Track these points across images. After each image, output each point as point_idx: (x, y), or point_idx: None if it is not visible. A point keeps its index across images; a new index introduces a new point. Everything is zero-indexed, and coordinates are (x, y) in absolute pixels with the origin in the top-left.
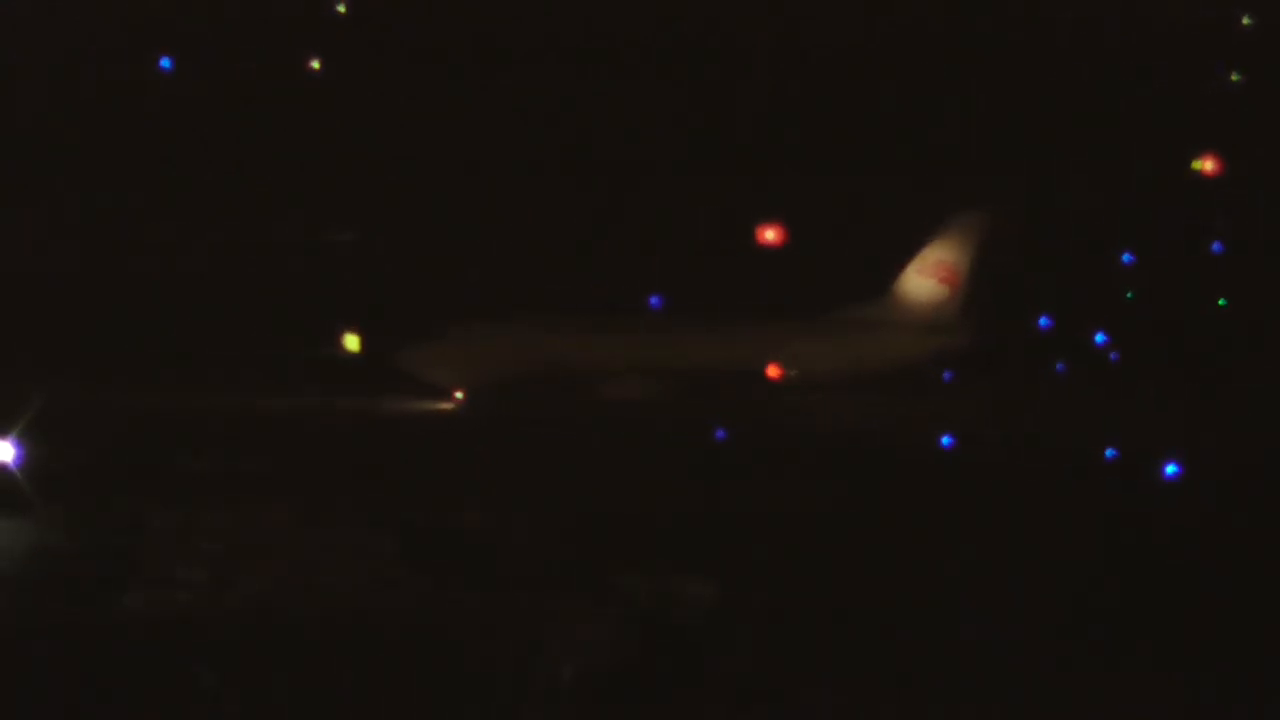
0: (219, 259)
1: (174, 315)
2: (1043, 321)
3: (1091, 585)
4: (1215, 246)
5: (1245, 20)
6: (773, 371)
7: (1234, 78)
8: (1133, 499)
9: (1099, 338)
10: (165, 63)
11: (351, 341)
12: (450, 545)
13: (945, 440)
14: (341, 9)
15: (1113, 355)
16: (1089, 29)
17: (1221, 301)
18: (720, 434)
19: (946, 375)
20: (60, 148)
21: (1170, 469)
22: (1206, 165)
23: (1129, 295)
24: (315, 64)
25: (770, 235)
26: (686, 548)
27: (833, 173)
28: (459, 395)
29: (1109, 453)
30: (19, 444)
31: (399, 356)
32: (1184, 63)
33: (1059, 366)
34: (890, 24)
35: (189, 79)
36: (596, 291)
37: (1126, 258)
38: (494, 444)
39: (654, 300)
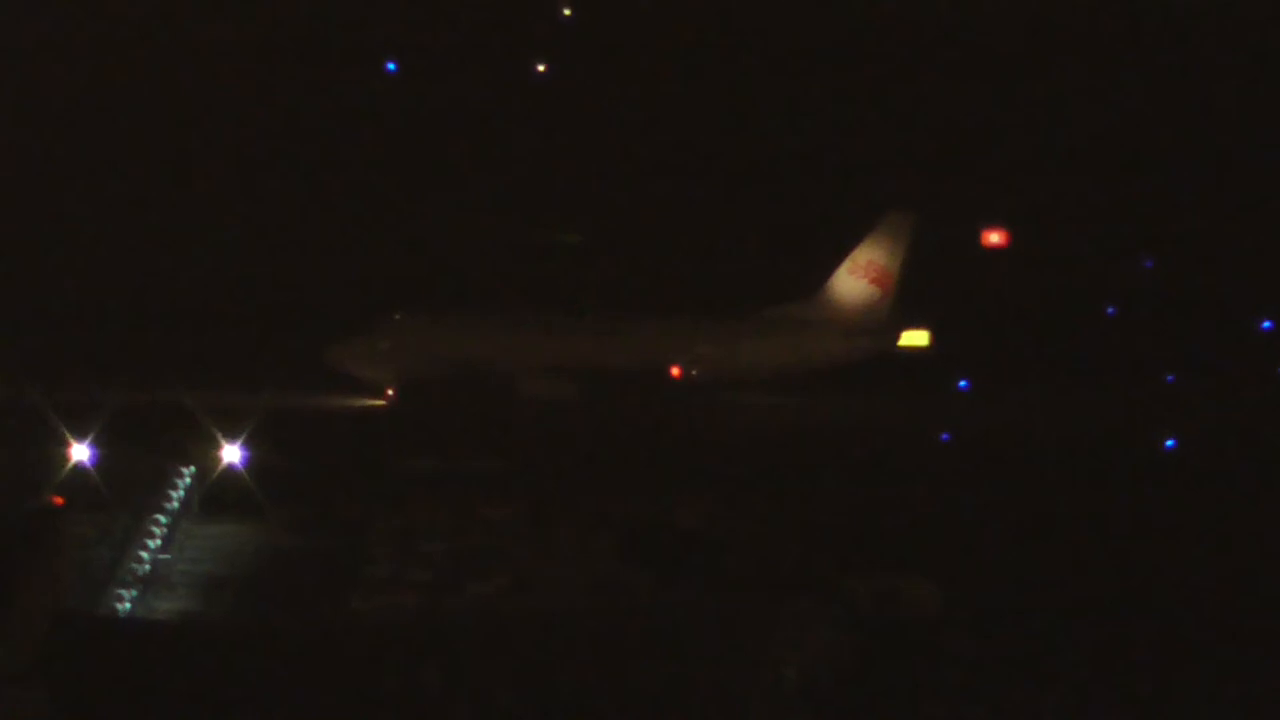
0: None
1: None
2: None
3: None
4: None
5: None
6: (675, 370)
7: None
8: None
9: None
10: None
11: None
12: (673, 546)
13: (1169, 442)
14: (567, 12)
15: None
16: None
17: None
18: (945, 437)
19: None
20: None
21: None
22: None
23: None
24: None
25: None
26: (909, 550)
27: (766, 173)
28: (390, 392)
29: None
30: (246, 448)
31: (329, 354)
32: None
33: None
34: (828, 27)
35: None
36: (518, 292)
37: None
38: (717, 444)
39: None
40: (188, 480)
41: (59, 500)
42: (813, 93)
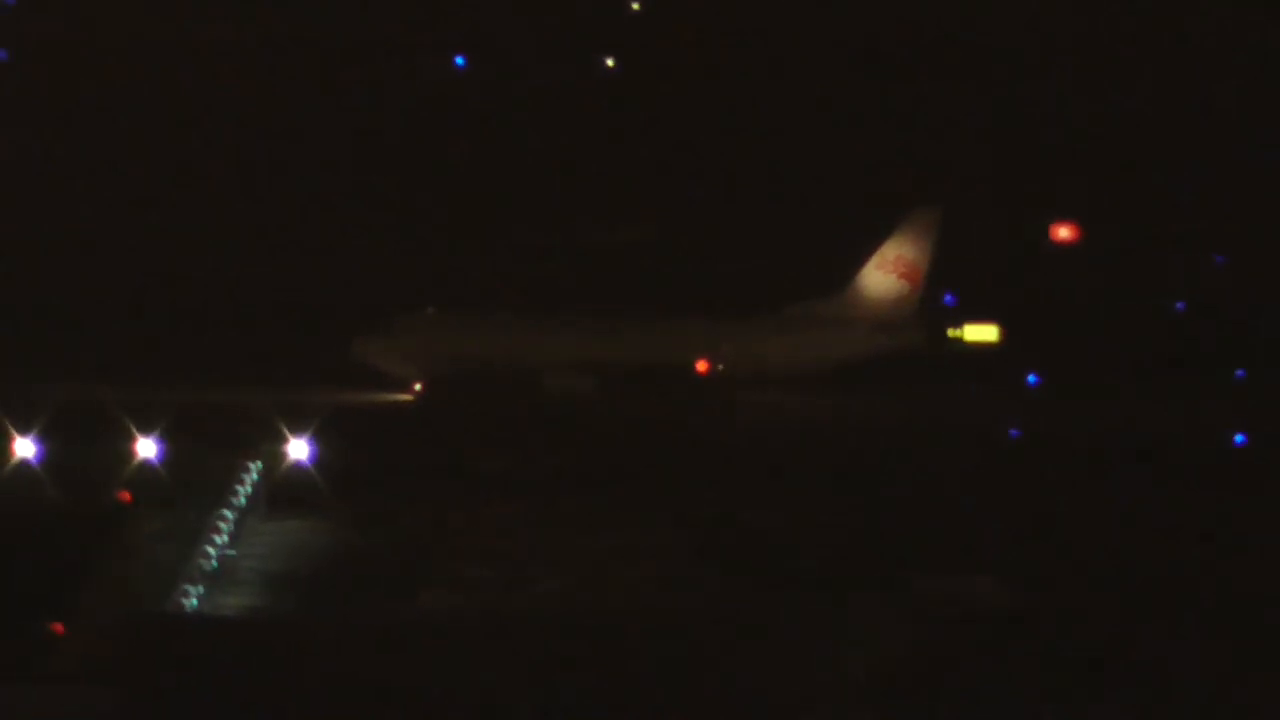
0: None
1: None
2: None
3: None
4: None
5: None
6: (702, 366)
7: None
8: None
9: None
10: (459, 60)
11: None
12: (746, 544)
13: (1239, 438)
14: (636, 6)
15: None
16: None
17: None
18: (1014, 433)
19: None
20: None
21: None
22: None
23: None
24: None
25: None
26: (977, 548)
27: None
28: (418, 387)
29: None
30: (313, 443)
31: (355, 349)
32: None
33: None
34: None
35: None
36: (544, 287)
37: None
38: (790, 444)
39: None
40: (254, 476)
41: (127, 497)
42: (855, 89)
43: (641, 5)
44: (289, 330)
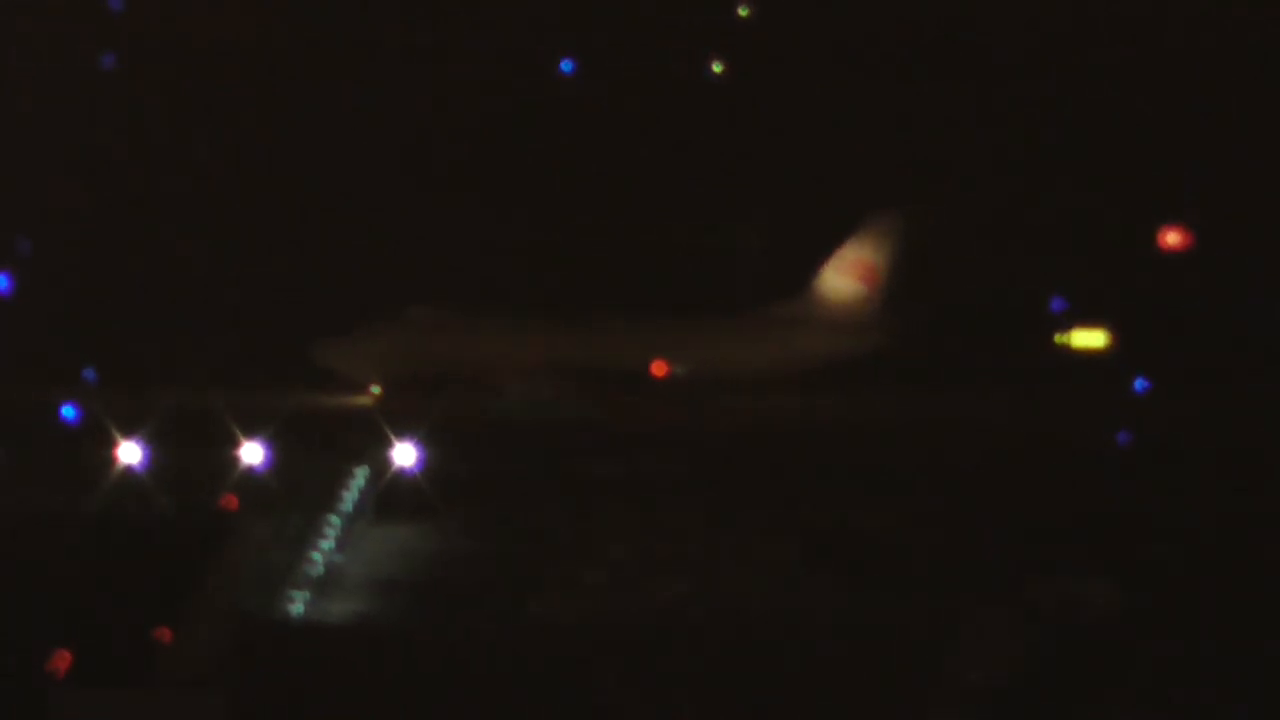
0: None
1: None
2: None
3: None
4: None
5: None
6: (659, 370)
7: None
8: None
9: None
10: (566, 65)
11: None
12: (855, 548)
13: None
14: (743, 12)
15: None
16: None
17: None
18: (1123, 437)
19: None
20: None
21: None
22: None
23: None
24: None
25: None
26: (1091, 552)
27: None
28: (375, 390)
29: None
30: (421, 448)
31: (316, 352)
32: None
33: None
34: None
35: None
36: (507, 291)
37: None
38: (898, 446)
39: None
40: (362, 481)
41: (232, 503)
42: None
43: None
44: (259, 331)
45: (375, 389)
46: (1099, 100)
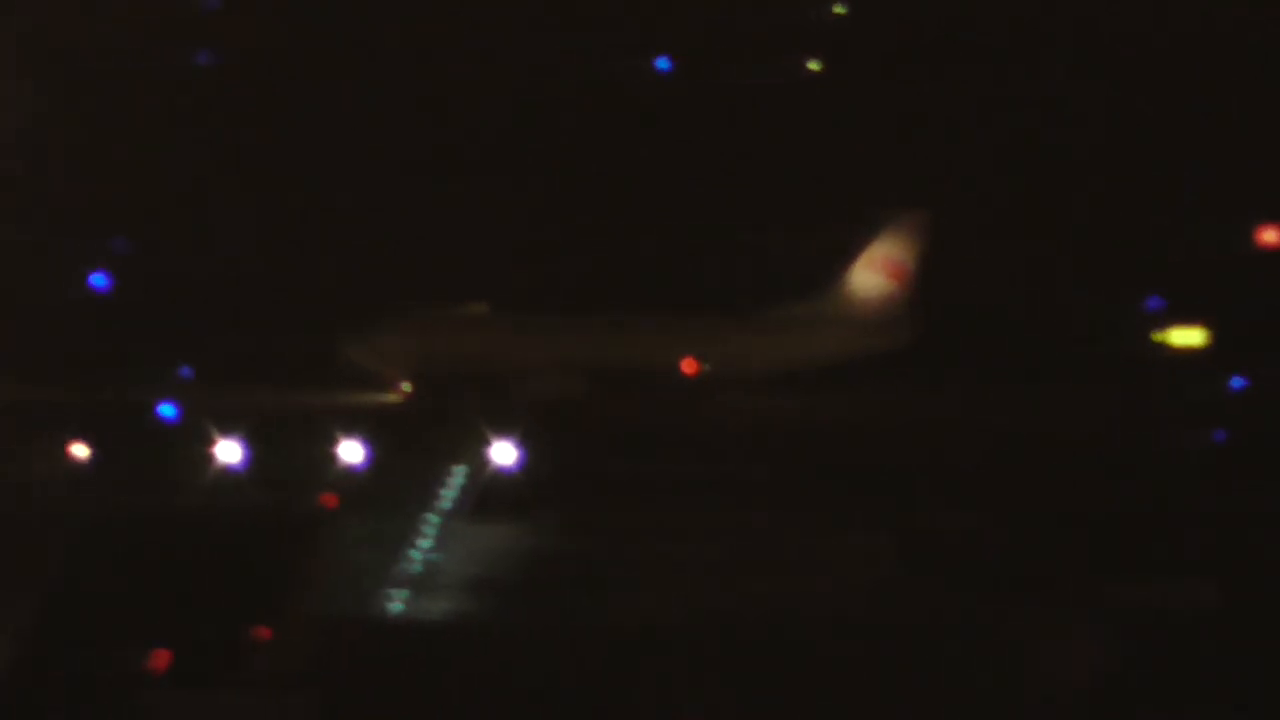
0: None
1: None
2: None
3: None
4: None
5: None
6: (688, 368)
7: None
8: None
9: None
10: (662, 63)
11: None
12: (947, 549)
13: None
14: (839, 10)
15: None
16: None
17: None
18: (1219, 435)
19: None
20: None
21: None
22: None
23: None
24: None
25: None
26: (1176, 552)
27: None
28: (405, 388)
29: None
30: (519, 447)
31: (343, 350)
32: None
33: None
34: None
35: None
36: (529, 290)
37: None
38: (985, 446)
39: None
40: (459, 480)
41: (331, 501)
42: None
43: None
44: (281, 329)
45: (406, 386)
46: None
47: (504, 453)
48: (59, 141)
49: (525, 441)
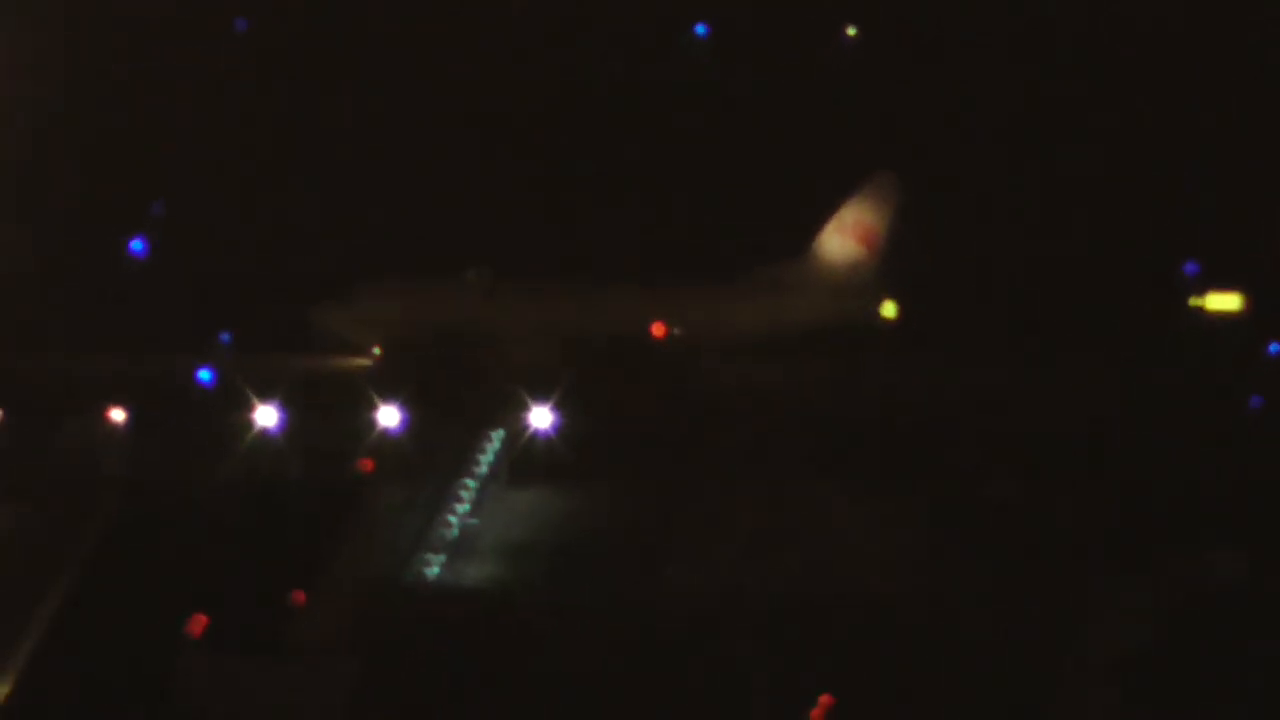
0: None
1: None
2: None
3: None
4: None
5: None
6: (657, 331)
7: None
8: None
9: None
10: (700, 29)
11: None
12: (986, 519)
13: None
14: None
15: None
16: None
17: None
18: (1256, 401)
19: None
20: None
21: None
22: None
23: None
24: (851, 30)
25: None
26: (1223, 522)
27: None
28: (376, 351)
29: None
30: (557, 412)
31: (314, 315)
32: None
33: None
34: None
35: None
36: (505, 255)
37: None
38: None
39: None
40: (496, 445)
41: (369, 467)
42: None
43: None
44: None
45: (376, 351)
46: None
47: (541, 417)
48: (97, 109)
49: (561, 406)
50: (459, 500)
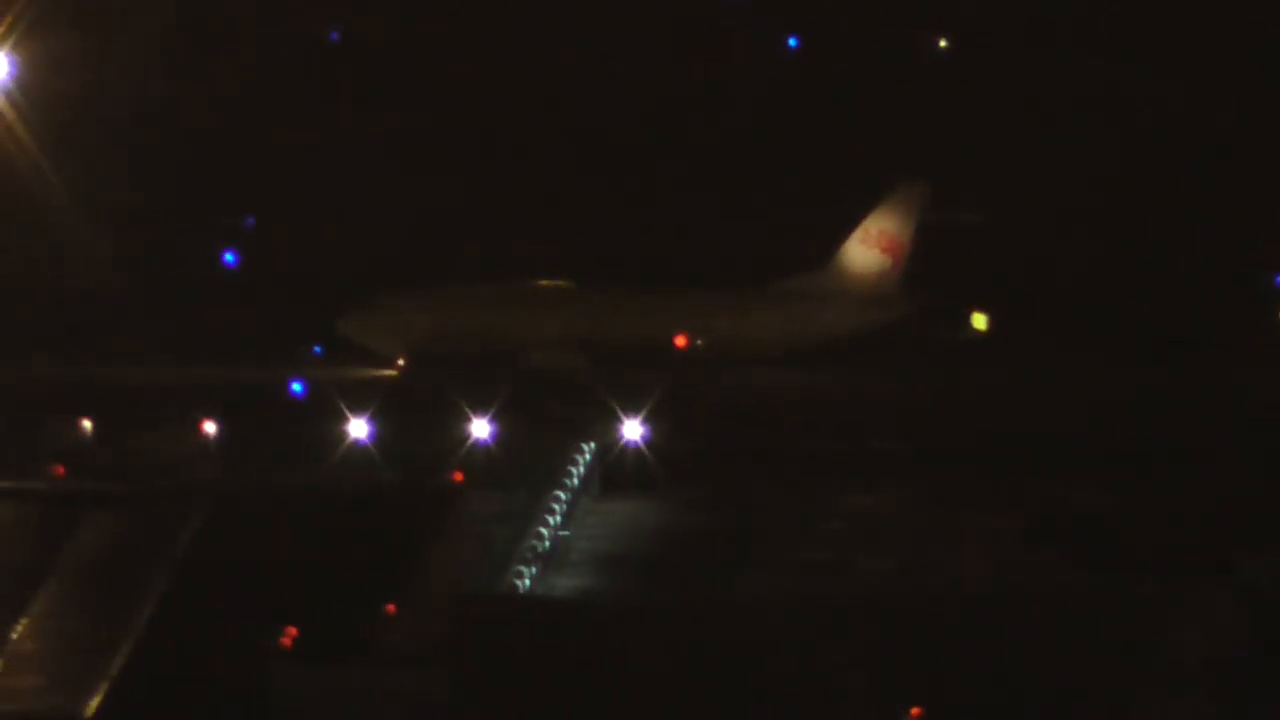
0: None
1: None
2: None
3: None
4: None
5: None
6: (681, 341)
7: None
8: None
9: None
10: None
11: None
12: (1075, 526)
13: None
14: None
15: None
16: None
17: None
18: None
19: None
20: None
21: None
22: None
23: None
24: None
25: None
26: None
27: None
28: (401, 362)
29: None
30: (648, 424)
31: (340, 325)
32: None
33: None
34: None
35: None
36: (527, 263)
37: None
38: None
39: None
40: (588, 457)
41: (459, 478)
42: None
43: None
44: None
45: (400, 362)
46: None
47: (632, 430)
48: (191, 117)
49: (652, 419)
50: (550, 512)
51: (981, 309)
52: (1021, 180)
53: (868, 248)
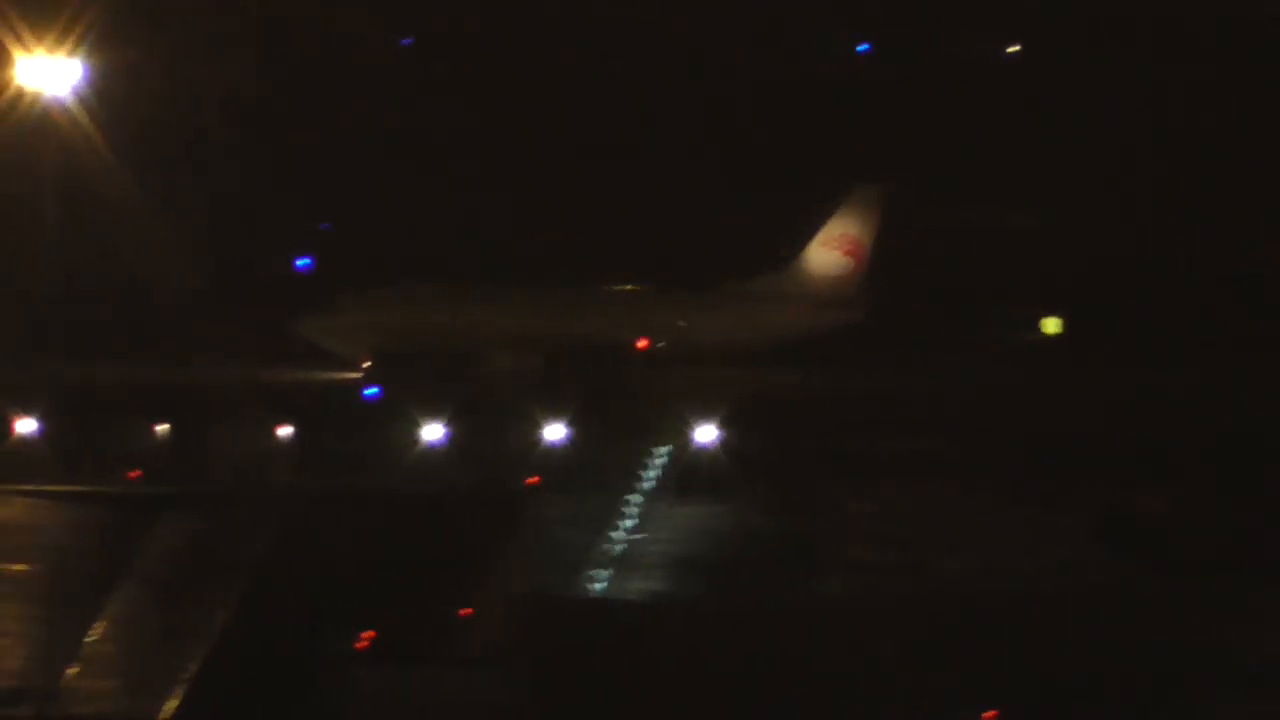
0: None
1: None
2: None
3: None
4: None
5: None
6: (643, 344)
7: None
8: None
9: None
10: (863, 47)
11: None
12: (1143, 528)
13: None
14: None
15: None
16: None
17: None
18: None
19: None
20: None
21: None
22: None
23: None
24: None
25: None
26: None
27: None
28: (365, 364)
29: None
30: (721, 428)
31: (300, 326)
32: None
33: None
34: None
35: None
36: (486, 264)
37: None
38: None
39: None
40: (663, 460)
41: (535, 481)
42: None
43: None
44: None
45: (365, 364)
46: None
47: (707, 433)
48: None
49: (727, 423)
50: (625, 515)
51: (1053, 313)
52: (1080, 182)
53: (829, 250)
